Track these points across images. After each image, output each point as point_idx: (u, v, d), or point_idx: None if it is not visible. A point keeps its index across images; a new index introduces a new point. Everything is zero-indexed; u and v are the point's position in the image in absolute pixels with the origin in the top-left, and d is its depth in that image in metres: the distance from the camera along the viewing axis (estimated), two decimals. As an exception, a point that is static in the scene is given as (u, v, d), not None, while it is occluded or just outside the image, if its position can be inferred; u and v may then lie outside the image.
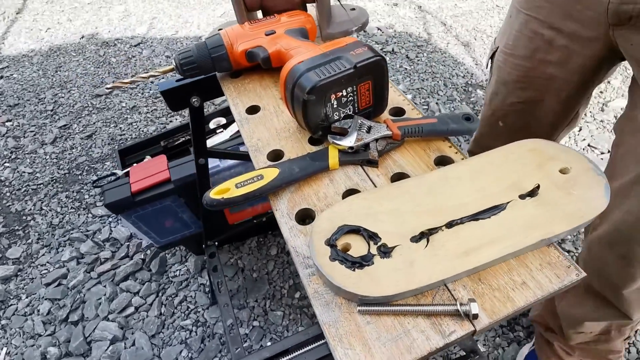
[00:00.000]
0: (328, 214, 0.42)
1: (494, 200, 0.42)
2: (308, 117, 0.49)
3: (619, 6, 0.53)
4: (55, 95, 2.24)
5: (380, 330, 0.36)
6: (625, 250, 0.66)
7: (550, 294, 0.37)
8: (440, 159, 0.50)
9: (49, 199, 1.70)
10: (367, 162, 0.50)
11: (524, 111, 0.80)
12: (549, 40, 0.68)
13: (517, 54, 0.74)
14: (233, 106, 0.63)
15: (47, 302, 1.37)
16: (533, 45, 0.71)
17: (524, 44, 0.72)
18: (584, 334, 0.89)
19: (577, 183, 0.42)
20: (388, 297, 0.36)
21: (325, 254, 0.39)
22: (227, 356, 1.21)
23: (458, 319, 0.36)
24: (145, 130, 1.96)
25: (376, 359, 0.34)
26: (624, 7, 0.53)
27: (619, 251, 0.68)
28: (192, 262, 1.42)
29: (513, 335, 1.18)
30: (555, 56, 0.69)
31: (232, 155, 1.00)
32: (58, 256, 1.50)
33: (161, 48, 2.49)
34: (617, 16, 0.55)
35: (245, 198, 0.46)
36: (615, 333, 0.86)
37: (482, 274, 0.39)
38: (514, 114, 0.82)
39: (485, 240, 0.39)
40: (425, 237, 0.40)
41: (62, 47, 2.63)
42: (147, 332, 1.27)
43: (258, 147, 0.55)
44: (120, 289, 1.38)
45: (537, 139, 0.47)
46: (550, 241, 0.40)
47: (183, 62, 0.62)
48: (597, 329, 0.86)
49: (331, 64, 0.48)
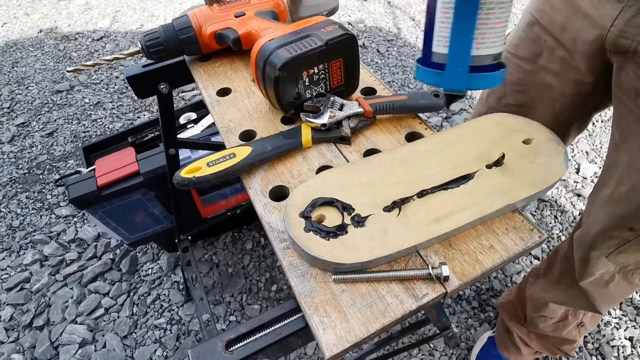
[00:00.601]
0: (302, 188, 0.42)
1: (463, 170, 0.43)
2: (280, 95, 0.49)
3: (618, 38, 0.52)
4: (12, 92, 2.12)
5: (355, 297, 0.37)
6: (584, 252, 0.72)
7: (515, 255, 0.39)
8: (410, 135, 0.51)
9: (8, 201, 1.61)
10: (340, 140, 0.50)
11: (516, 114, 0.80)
12: (551, 49, 0.66)
13: (519, 54, 0.72)
14: (203, 89, 0.61)
15: (9, 307, 1.30)
16: (536, 49, 0.68)
17: (528, 46, 0.70)
18: (545, 318, 0.92)
19: (539, 152, 0.44)
20: (363, 263, 0.37)
21: (300, 226, 0.39)
22: (203, 353, 1.18)
23: (430, 282, 0.37)
24: (110, 127, 1.88)
25: (352, 324, 0.35)
26: (622, 41, 0.52)
27: (581, 252, 0.73)
28: (164, 259, 1.38)
29: (484, 316, 1.23)
30: (555, 66, 0.67)
31: (203, 146, 0.98)
32: (19, 259, 1.42)
33: (125, 42, 2.40)
34: (614, 46, 0.54)
35: (218, 177, 0.46)
36: (571, 318, 0.90)
37: (452, 240, 0.40)
38: None
39: (455, 208, 0.40)
40: (397, 206, 0.40)
41: (19, 42, 2.48)
42: (118, 333, 1.22)
43: (230, 128, 0.54)
44: (88, 290, 1.33)
45: (503, 113, 0.49)
46: (515, 207, 0.42)
47: (149, 43, 0.60)
48: (558, 313, 0.90)
49: (302, 41, 0.48)
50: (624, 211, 0.60)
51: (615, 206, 0.62)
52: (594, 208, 0.69)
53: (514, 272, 1.32)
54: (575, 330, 0.94)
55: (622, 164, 0.60)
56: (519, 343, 1.03)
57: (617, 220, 0.62)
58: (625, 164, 0.59)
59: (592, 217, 0.69)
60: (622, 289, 0.77)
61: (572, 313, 0.90)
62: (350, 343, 0.34)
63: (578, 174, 1.59)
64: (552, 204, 1.50)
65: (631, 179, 0.58)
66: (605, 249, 0.67)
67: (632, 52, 0.51)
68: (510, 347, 1.05)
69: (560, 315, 0.90)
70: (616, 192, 0.61)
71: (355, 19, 2.47)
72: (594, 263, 0.72)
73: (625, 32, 0.51)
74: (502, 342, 1.07)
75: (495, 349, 1.10)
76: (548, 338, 0.98)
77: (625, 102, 0.56)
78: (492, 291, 1.28)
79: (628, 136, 0.56)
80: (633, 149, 0.56)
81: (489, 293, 1.28)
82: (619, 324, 1.20)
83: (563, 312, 0.90)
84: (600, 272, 0.73)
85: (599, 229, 0.66)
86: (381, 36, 2.32)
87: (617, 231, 0.63)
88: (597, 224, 0.67)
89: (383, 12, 2.54)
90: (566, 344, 0.97)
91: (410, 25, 2.41)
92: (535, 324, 0.95)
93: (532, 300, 0.94)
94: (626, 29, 0.50)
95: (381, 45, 2.23)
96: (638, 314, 1.21)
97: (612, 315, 1.22)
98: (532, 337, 1.01)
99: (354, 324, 0.35)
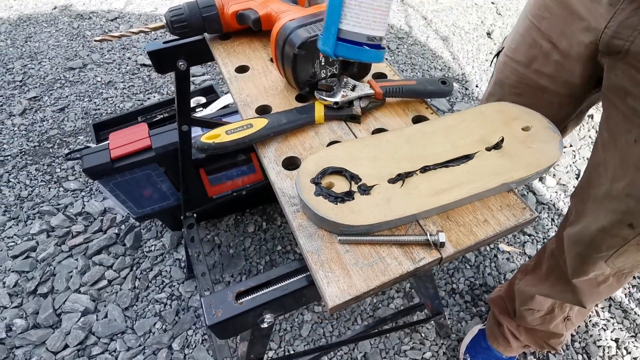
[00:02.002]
0: (314, 158, 0.45)
1: (464, 151, 0.47)
2: (297, 73, 0.52)
3: (612, 39, 0.54)
4: (24, 66, 2.15)
5: (358, 257, 0.40)
6: (582, 250, 0.73)
7: (507, 230, 0.42)
8: (417, 118, 0.54)
9: (17, 171, 1.64)
10: (351, 118, 0.54)
11: None
12: (546, 53, 0.68)
13: (516, 58, 0.74)
14: (222, 66, 0.64)
15: (14, 274, 1.33)
16: (531, 54, 0.70)
17: (524, 50, 0.71)
18: (532, 311, 0.95)
19: (536, 139, 0.47)
20: (367, 226, 0.40)
21: (311, 190, 0.42)
22: (201, 328, 1.22)
23: (427, 248, 0.40)
24: (121, 106, 1.91)
25: (354, 280, 0.38)
26: (615, 42, 0.54)
27: (578, 250, 0.75)
28: (167, 237, 1.42)
29: (476, 310, 1.26)
30: (549, 69, 0.69)
31: (215, 125, 1.01)
32: (27, 229, 1.46)
33: (139, 24, 2.43)
34: (607, 47, 0.56)
35: (235, 144, 0.49)
36: (557, 311, 0.93)
37: (450, 212, 0.43)
38: None
39: (454, 184, 0.43)
40: (401, 178, 0.44)
41: (33, 17, 2.51)
42: (120, 304, 1.26)
43: (247, 102, 0.57)
44: (92, 262, 1.36)
45: (505, 102, 0.52)
46: (509, 187, 0.45)
47: (174, 19, 0.63)
48: (545, 306, 0.93)
49: (321, 22, 0.51)
50: (623, 207, 0.62)
51: (614, 203, 0.63)
52: (589, 206, 0.70)
53: (507, 270, 1.36)
54: (562, 324, 0.97)
55: (612, 162, 0.62)
56: (508, 336, 1.06)
57: (617, 216, 0.64)
58: (616, 161, 0.61)
59: (589, 216, 0.70)
60: (612, 288, 0.80)
61: (558, 306, 0.93)
62: (351, 296, 0.37)
63: (577, 180, 1.62)
64: (550, 207, 1.53)
65: (627, 175, 0.60)
66: (605, 250, 0.69)
67: (624, 52, 0.53)
68: (500, 339, 1.09)
69: (547, 308, 0.94)
70: (613, 189, 0.63)
71: (367, 15, 2.49)
72: (591, 263, 0.73)
73: (619, 33, 0.53)
74: (492, 334, 1.11)
75: (485, 340, 1.13)
76: (536, 332, 1.01)
77: (614, 101, 0.58)
78: (485, 287, 1.31)
79: (617, 135, 0.59)
80: (623, 146, 0.58)
81: (482, 289, 1.31)
82: (606, 325, 1.24)
83: (550, 305, 0.93)
84: (595, 274, 0.76)
85: (600, 226, 0.67)
86: (392, 33, 2.34)
87: (617, 228, 0.65)
88: (597, 221, 0.68)
89: (395, 9, 2.56)
90: (553, 338, 1.00)
91: (421, 24, 2.43)
92: (524, 317, 0.99)
93: (520, 294, 0.97)
94: (620, 30, 0.53)
95: (392, 42, 2.26)
96: (626, 317, 1.25)
97: (601, 316, 1.25)
98: (521, 331, 1.04)
99: (355, 280, 0.38)
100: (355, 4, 0.38)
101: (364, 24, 0.39)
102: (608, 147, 0.62)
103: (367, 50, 0.40)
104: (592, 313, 1.27)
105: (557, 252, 0.83)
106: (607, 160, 0.63)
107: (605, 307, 1.28)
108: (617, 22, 0.53)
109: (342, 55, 0.41)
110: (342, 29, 0.40)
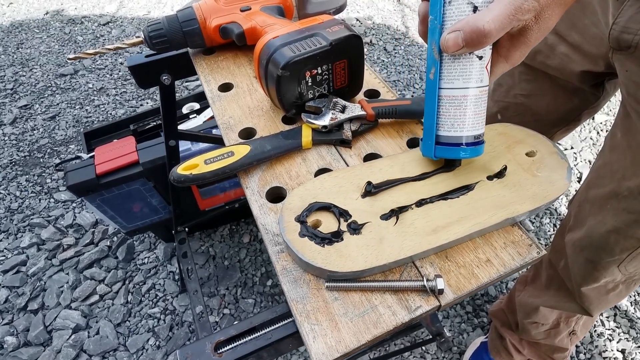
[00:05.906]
0: (299, 191, 0.42)
1: (463, 180, 0.43)
2: (282, 94, 0.48)
3: (621, 34, 0.53)
4: (15, 73, 2.11)
5: (347, 306, 0.36)
6: (593, 255, 0.70)
7: (512, 271, 0.38)
8: (412, 141, 0.51)
9: (7, 183, 1.61)
10: (341, 142, 0.50)
11: (524, 105, 0.81)
12: (551, 46, 0.68)
13: None
14: (205, 83, 0.61)
15: (4, 289, 1.30)
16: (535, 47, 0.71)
17: None
18: (537, 324, 0.92)
19: (542, 165, 0.44)
20: (357, 272, 0.36)
21: (295, 230, 0.38)
22: (196, 344, 1.19)
23: (424, 294, 0.37)
24: (113, 114, 1.87)
25: (343, 334, 0.34)
26: (624, 36, 0.53)
27: (587, 255, 0.71)
28: (161, 249, 1.38)
29: (477, 321, 1.23)
30: (555, 62, 0.69)
31: (203, 138, 0.97)
32: (17, 242, 1.42)
33: (132, 28, 2.39)
34: (617, 42, 0.55)
35: (215, 175, 0.45)
36: (563, 325, 0.90)
37: (449, 251, 0.40)
38: (514, 107, 0.83)
39: (454, 219, 0.40)
40: (395, 214, 0.40)
41: (25, 23, 2.47)
42: (112, 320, 1.23)
43: (230, 125, 0.53)
44: (84, 276, 1.33)
45: (507, 123, 0.48)
46: (514, 220, 0.41)
47: (153, 34, 0.59)
48: (550, 320, 0.90)
49: (307, 40, 0.47)
50: (635, 206, 0.60)
51: (626, 202, 0.61)
52: (594, 208, 0.67)
53: (509, 279, 1.32)
54: (567, 339, 0.93)
55: (621, 161, 0.60)
56: (511, 349, 1.03)
57: (632, 216, 0.61)
58: (628, 160, 0.59)
59: (594, 218, 0.68)
60: (620, 296, 0.77)
61: (564, 320, 0.89)
62: (340, 353, 0.33)
63: (579, 183, 1.58)
64: (552, 212, 1.49)
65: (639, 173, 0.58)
66: (619, 253, 0.66)
67: (634, 47, 0.52)
68: (502, 352, 1.05)
69: (552, 322, 0.90)
70: (622, 189, 0.61)
71: (363, 15, 2.45)
72: (603, 269, 0.70)
73: (628, 28, 0.52)
74: (495, 347, 1.07)
75: (487, 354, 1.10)
76: (540, 346, 0.98)
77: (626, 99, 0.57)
78: (487, 297, 1.28)
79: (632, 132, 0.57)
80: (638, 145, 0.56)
81: (484, 298, 1.27)
82: (612, 335, 1.20)
83: (555, 319, 0.89)
84: (606, 280, 0.72)
85: (611, 227, 0.65)
86: (389, 34, 2.29)
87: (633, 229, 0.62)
88: (606, 223, 0.65)
89: (392, 9, 2.51)
90: (558, 352, 0.97)
91: (419, 24, 2.38)
92: (527, 330, 0.95)
93: (523, 306, 0.94)
94: (629, 25, 0.51)
95: (388, 44, 2.21)
96: (632, 327, 1.21)
97: (606, 326, 1.22)
98: (524, 345, 1.01)
99: (344, 334, 0.34)
100: (447, 113, 0.40)
101: (458, 129, 0.40)
102: (618, 147, 0.61)
103: (466, 149, 0.41)
104: (596, 322, 1.23)
105: (555, 260, 0.80)
106: (614, 160, 0.61)
107: (611, 316, 1.24)
108: (626, 18, 0.52)
109: (442, 156, 0.42)
110: (440, 134, 0.41)
